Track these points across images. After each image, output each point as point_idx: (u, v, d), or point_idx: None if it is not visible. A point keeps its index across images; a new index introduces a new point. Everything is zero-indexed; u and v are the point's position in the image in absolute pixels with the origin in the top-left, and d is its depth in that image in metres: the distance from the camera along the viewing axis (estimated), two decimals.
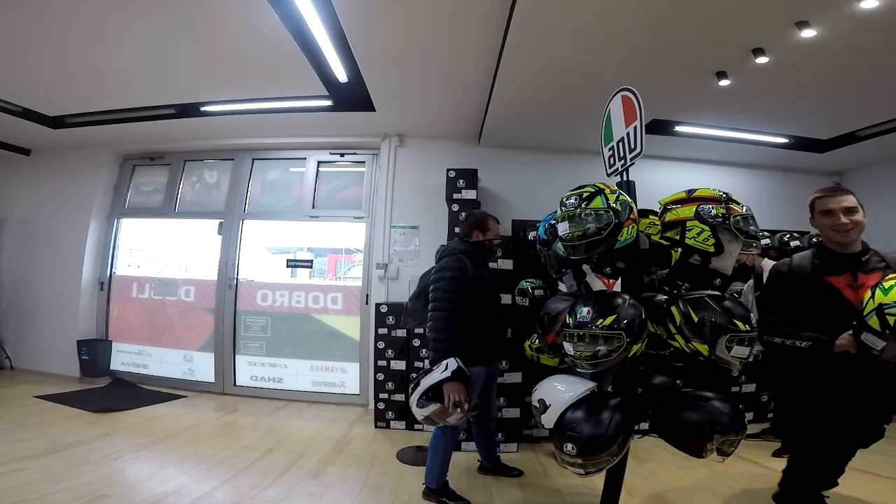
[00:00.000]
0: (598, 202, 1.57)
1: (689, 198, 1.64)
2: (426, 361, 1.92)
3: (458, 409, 1.83)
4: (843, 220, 1.60)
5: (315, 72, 3.05)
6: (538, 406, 1.74)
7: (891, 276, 1.41)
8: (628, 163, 1.80)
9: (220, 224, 4.47)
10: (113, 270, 4.72)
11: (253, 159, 4.60)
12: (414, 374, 2.17)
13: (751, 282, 2.99)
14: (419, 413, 1.89)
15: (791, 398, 1.72)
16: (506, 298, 3.22)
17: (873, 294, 1.37)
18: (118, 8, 2.41)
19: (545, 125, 3.73)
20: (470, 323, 2.10)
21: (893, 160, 4.11)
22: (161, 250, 4.73)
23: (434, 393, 1.83)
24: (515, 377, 3.08)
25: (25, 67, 3.10)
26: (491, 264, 3.30)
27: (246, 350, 4.29)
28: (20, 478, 2.19)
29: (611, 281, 2.21)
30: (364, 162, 4.45)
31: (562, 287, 2.42)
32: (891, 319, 1.30)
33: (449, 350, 1.94)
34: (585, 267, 2.47)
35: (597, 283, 2.45)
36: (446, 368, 1.85)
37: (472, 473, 2.60)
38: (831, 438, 1.60)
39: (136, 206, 4.82)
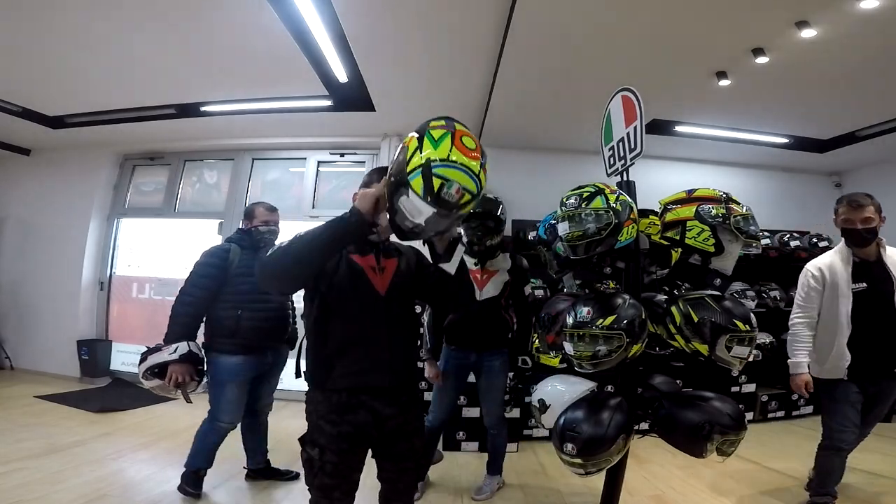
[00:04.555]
0: (598, 202, 1.57)
1: (689, 198, 1.65)
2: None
3: (179, 389, 2.01)
4: None
5: (315, 72, 3.05)
6: (538, 406, 1.75)
7: (434, 120, 1.10)
8: (628, 163, 1.80)
9: (220, 224, 4.47)
10: (113, 270, 4.72)
11: (253, 159, 4.60)
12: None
13: None
14: (145, 384, 2.04)
15: None
16: None
17: (420, 147, 1.02)
18: (119, 8, 2.41)
19: (545, 125, 3.73)
20: (225, 311, 2.12)
21: (893, 160, 4.11)
22: (161, 250, 4.73)
23: (160, 370, 1.97)
24: None
25: (25, 67, 3.10)
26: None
27: None
28: (20, 478, 2.19)
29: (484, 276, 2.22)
30: (364, 162, 4.45)
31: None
32: (437, 182, 0.96)
33: (184, 334, 2.04)
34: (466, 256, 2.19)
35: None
36: (175, 351, 1.98)
37: (469, 472, 2.59)
38: None
39: (136, 206, 4.81)
